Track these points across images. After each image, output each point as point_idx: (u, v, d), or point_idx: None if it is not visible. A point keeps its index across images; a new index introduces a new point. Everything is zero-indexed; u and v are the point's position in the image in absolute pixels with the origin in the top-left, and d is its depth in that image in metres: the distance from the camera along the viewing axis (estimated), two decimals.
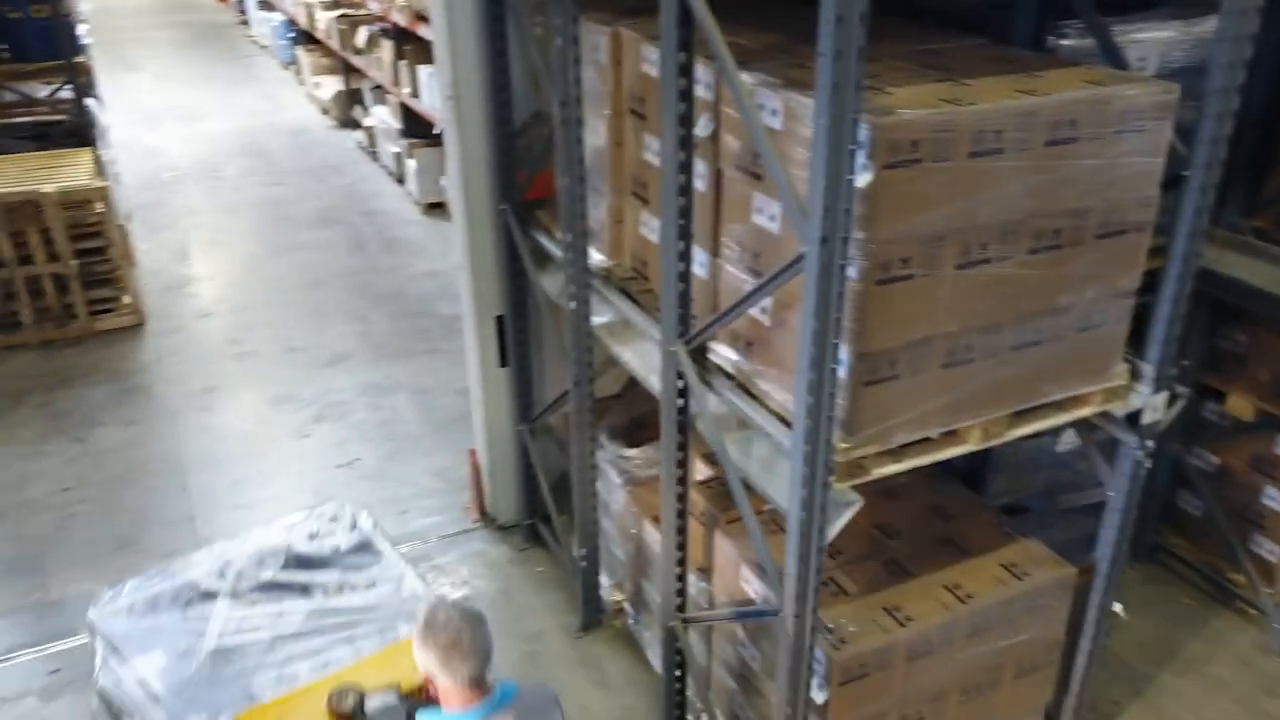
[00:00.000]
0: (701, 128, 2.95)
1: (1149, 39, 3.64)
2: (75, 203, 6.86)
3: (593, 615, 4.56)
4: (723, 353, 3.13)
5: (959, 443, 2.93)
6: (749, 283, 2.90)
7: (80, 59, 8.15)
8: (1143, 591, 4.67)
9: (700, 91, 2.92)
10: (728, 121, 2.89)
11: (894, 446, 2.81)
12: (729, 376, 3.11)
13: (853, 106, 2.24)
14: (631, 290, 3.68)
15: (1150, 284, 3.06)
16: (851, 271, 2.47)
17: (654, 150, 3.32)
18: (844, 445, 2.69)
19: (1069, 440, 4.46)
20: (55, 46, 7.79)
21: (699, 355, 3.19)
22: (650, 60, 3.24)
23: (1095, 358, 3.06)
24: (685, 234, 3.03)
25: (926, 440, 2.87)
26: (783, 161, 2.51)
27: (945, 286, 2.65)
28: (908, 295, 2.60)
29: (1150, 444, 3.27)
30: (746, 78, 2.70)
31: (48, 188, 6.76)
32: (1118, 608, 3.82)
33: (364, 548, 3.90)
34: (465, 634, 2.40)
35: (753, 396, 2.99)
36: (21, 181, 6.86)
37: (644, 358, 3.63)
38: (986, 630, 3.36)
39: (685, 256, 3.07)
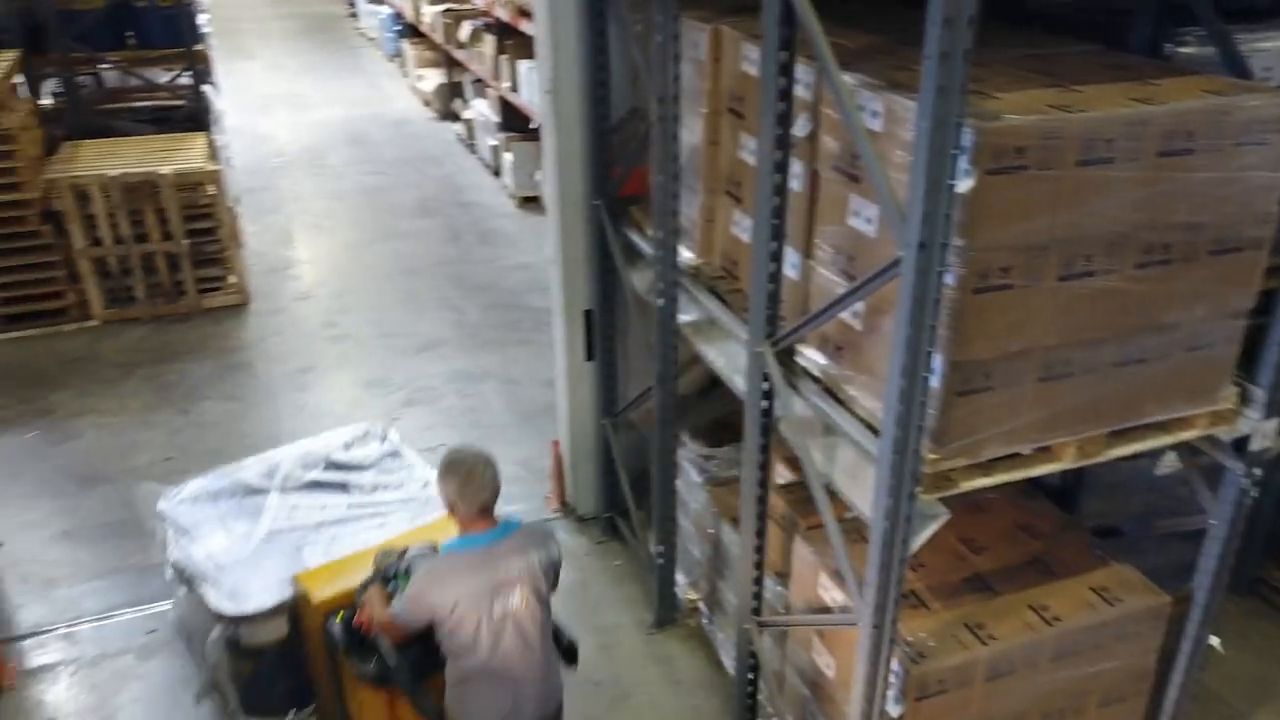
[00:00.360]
0: (799, 128, 2.92)
1: (1275, 48, 3.47)
2: (189, 184, 7.16)
3: (667, 613, 4.57)
4: (811, 356, 3.10)
5: (1053, 460, 2.84)
6: (841, 286, 2.87)
7: (199, 47, 8.51)
8: (1242, 625, 4.46)
9: (799, 91, 2.90)
10: (827, 122, 2.86)
11: (984, 460, 2.74)
12: (816, 380, 3.08)
13: (957, 110, 2.19)
14: (720, 289, 3.67)
15: (1265, 304, 2.92)
16: (949, 278, 2.42)
17: (750, 149, 3.31)
18: (933, 456, 2.64)
19: (1169, 463, 4.29)
20: (177, 34, 8.16)
21: (786, 357, 3.17)
22: (750, 59, 3.23)
23: (1202, 379, 2.93)
24: (778, 234, 3.02)
25: (1018, 455, 2.80)
26: (882, 164, 2.47)
27: (1046, 298, 2.58)
28: (1006, 305, 2.54)
29: (1258, 472, 3.12)
30: (848, 78, 2.67)
31: (165, 169, 7.07)
32: (1214, 641, 3.65)
33: (393, 456, 4.45)
34: (479, 468, 2.97)
35: (840, 402, 2.96)
36: (141, 163, 7.19)
37: (729, 357, 3.62)
38: (1073, 655, 3.26)
39: (777, 257, 3.05)
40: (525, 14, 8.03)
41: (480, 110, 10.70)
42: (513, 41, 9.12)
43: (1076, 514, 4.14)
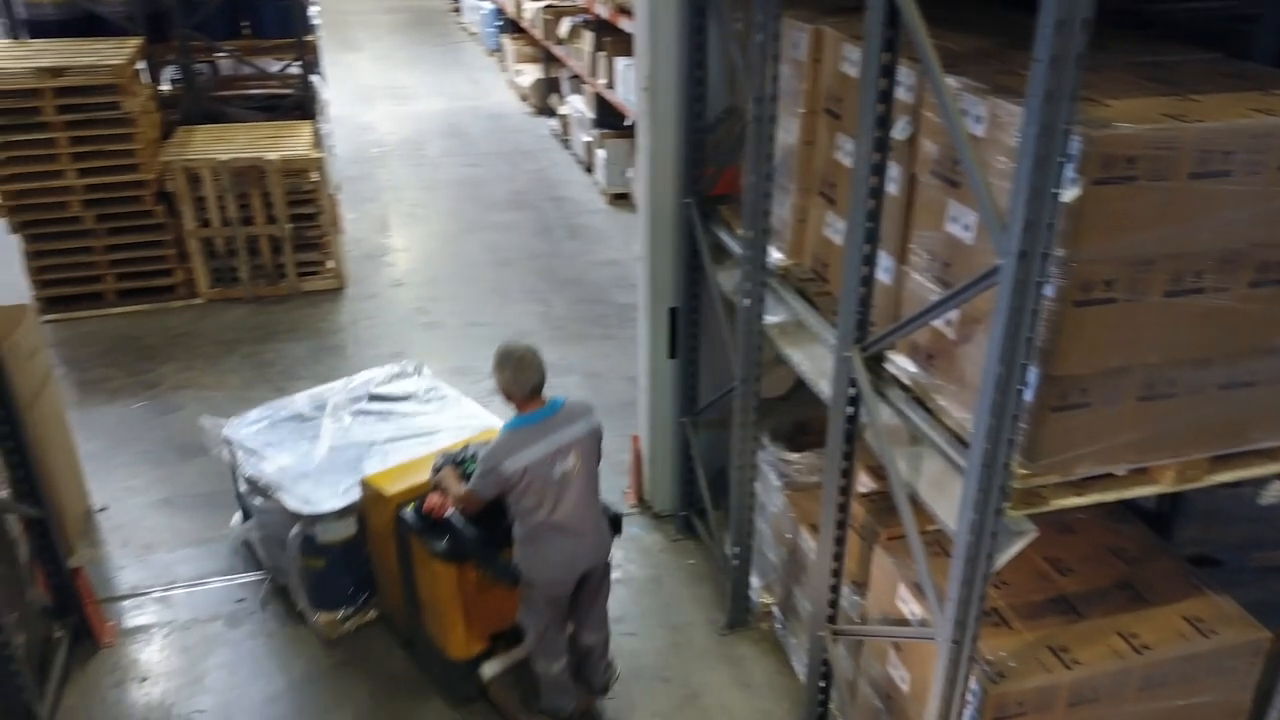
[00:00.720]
0: (899, 130, 2.88)
1: None
2: (294, 171, 7.40)
3: (740, 615, 4.55)
4: (900, 363, 3.05)
5: (1150, 482, 2.74)
6: (936, 293, 2.81)
7: (309, 38, 8.76)
8: None
9: (900, 94, 2.85)
10: (927, 126, 2.81)
11: (1076, 478, 2.66)
12: (905, 388, 3.02)
13: (1065, 116, 2.13)
14: (809, 291, 3.64)
15: None
16: (1049, 290, 2.36)
17: (846, 151, 3.27)
18: (1023, 471, 2.57)
19: (1276, 492, 4.09)
20: (289, 25, 8.41)
21: (874, 364, 3.12)
22: (851, 60, 3.19)
23: None
24: (872, 237, 2.97)
25: (1112, 476, 2.71)
26: (983, 170, 2.42)
27: (1151, 314, 2.49)
28: (1108, 320, 2.46)
29: None
30: (952, 82, 2.62)
31: (272, 155, 7.32)
32: None
33: (430, 389, 5.04)
34: (528, 356, 3.52)
35: (928, 411, 2.90)
36: (250, 148, 7.46)
37: (815, 361, 3.58)
38: (1162, 686, 3.14)
39: (870, 261, 3.00)
40: (624, 11, 8.08)
41: (576, 106, 10.80)
42: (611, 38, 9.18)
43: (1171, 540, 3.97)
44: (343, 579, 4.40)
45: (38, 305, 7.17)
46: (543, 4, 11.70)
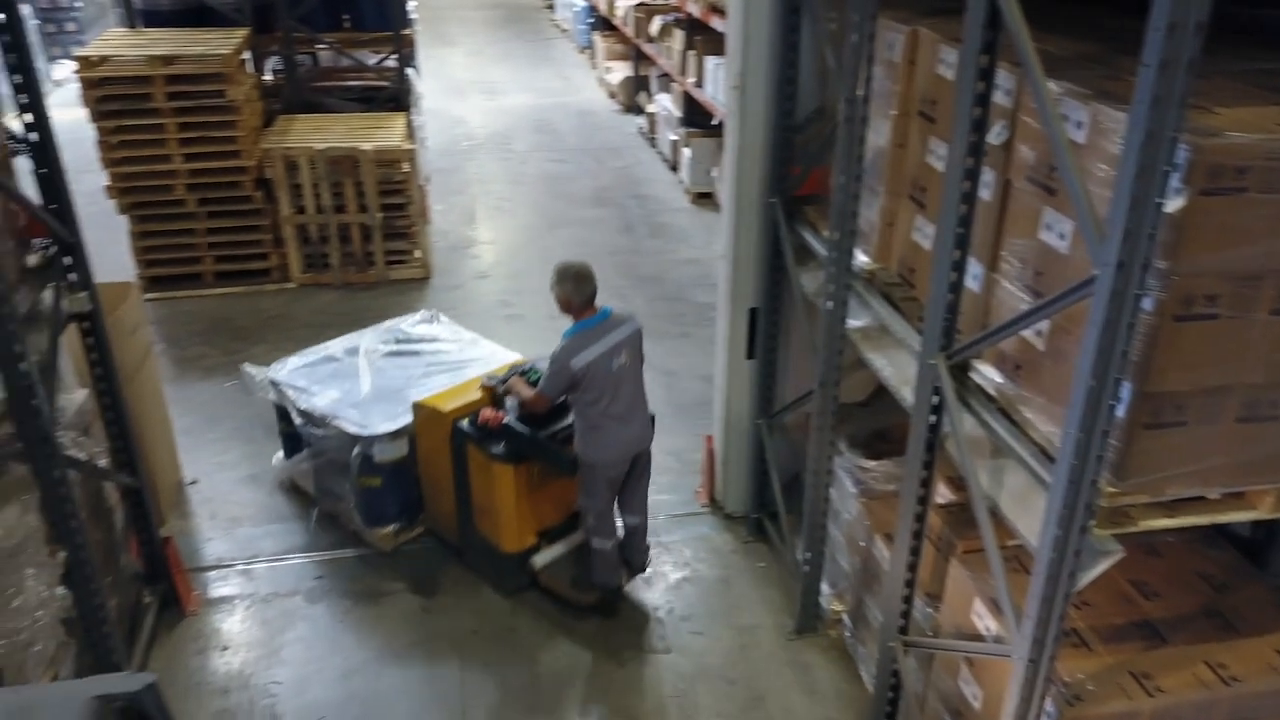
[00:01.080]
0: (994, 135, 2.81)
1: None
2: (387, 161, 7.57)
3: (809, 620, 4.51)
4: (986, 373, 2.98)
5: (1245, 507, 2.63)
6: (1026, 302, 2.75)
7: (407, 32, 8.95)
8: None
9: (997, 98, 2.79)
10: (1024, 130, 2.75)
11: (1167, 499, 2.57)
12: (990, 398, 2.96)
13: (1173, 124, 2.06)
14: (894, 296, 3.58)
15: None
16: (1147, 303, 2.28)
17: (939, 154, 3.21)
18: (1110, 490, 2.49)
19: None
20: (388, 19, 8.60)
21: (959, 372, 3.06)
22: (947, 62, 3.13)
23: None
24: (962, 243, 2.91)
25: (1205, 498, 2.61)
26: (1082, 177, 2.35)
27: (1256, 332, 2.39)
28: (1209, 336, 2.37)
29: None
30: (1052, 86, 2.55)
31: (366, 146, 7.50)
32: None
33: (454, 332, 5.61)
34: (585, 271, 4.15)
35: (1014, 423, 2.83)
36: (346, 138, 7.65)
37: (898, 367, 3.53)
38: None
39: (959, 267, 2.94)
40: (717, 10, 8.06)
41: (663, 104, 10.81)
42: (701, 37, 9.16)
43: (1266, 569, 3.80)
44: (394, 496, 4.93)
45: (141, 284, 7.48)
46: (635, 2, 11.75)
